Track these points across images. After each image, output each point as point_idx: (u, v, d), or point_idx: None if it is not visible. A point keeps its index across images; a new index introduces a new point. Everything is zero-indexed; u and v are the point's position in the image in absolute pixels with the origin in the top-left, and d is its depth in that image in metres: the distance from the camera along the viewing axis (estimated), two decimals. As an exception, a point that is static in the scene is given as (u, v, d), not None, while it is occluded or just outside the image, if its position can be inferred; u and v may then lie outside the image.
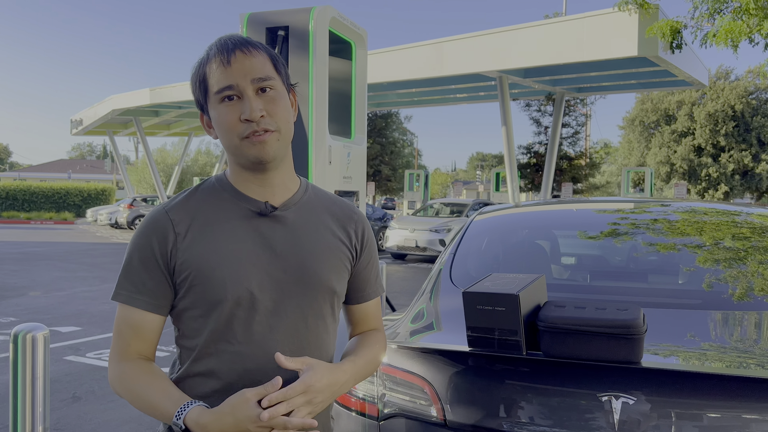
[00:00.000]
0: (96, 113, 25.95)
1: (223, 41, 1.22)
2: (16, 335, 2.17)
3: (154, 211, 1.25)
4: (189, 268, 1.20)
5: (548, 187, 17.79)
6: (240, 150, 1.20)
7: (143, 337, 1.23)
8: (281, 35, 3.63)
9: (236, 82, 1.18)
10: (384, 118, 35.47)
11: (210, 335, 1.21)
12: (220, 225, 1.23)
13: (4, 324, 7.27)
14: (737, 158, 33.16)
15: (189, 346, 1.24)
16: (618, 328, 1.56)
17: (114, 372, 1.22)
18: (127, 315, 1.22)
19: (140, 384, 1.18)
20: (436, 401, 1.74)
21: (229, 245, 1.21)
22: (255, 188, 1.26)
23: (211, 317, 1.20)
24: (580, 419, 1.58)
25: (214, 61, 1.20)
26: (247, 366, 1.20)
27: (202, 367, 1.22)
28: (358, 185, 4.18)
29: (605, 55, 12.02)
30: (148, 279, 1.21)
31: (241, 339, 1.20)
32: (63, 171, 60.53)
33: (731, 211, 2.86)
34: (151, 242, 1.21)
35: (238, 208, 1.25)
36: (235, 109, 1.18)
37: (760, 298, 2.11)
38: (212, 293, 1.19)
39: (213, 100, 1.21)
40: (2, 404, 4.59)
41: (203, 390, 1.22)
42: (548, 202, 3.43)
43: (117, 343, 1.24)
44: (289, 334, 1.23)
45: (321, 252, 1.28)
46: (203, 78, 1.22)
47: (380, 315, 1.47)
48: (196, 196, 1.27)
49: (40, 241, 19.19)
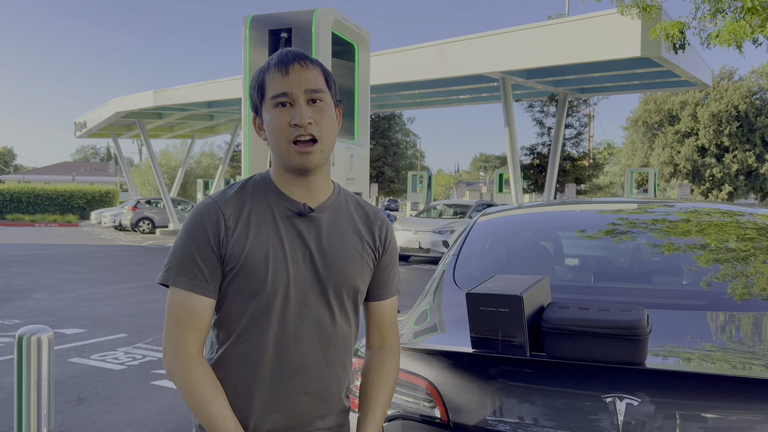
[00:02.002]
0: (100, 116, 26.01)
1: (284, 53, 1.36)
2: (21, 337, 2.17)
3: (205, 203, 1.35)
4: (236, 260, 1.31)
5: (551, 188, 17.76)
6: (287, 154, 1.33)
7: (200, 324, 1.31)
8: (284, 37, 3.64)
9: (291, 90, 1.31)
10: (387, 120, 35.47)
11: (249, 321, 1.33)
12: (264, 222, 1.34)
13: (8, 326, 7.28)
14: (741, 158, 33.07)
15: (229, 329, 1.35)
16: (622, 330, 1.56)
17: (175, 364, 1.30)
18: (185, 301, 1.30)
19: (206, 395, 1.28)
20: (439, 403, 1.74)
21: (272, 241, 1.33)
22: (296, 190, 1.38)
23: (251, 305, 1.32)
24: (584, 420, 1.58)
25: (273, 69, 1.33)
26: (279, 352, 1.33)
27: (240, 350, 1.33)
28: (361, 187, 4.18)
29: (608, 56, 12.00)
30: (204, 266, 1.31)
31: (276, 327, 1.33)
32: (67, 173, 60.68)
33: (735, 211, 2.85)
34: (207, 231, 1.31)
35: (279, 207, 1.37)
36: (286, 114, 1.31)
37: (764, 298, 2.10)
38: (255, 284, 1.31)
39: (268, 104, 1.33)
40: (7, 406, 4.60)
41: (240, 372, 1.33)
42: (551, 203, 3.43)
43: (177, 331, 1.30)
44: (318, 325, 1.36)
45: (349, 253, 1.41)
46: (261, 84, 1.35)
47: (395, 317, 1.56)
48: (244, 193, 1.38)
49: (45, 244, 19.24)
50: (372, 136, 33.74)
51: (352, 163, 4.09)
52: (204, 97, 19.16)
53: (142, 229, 25.12)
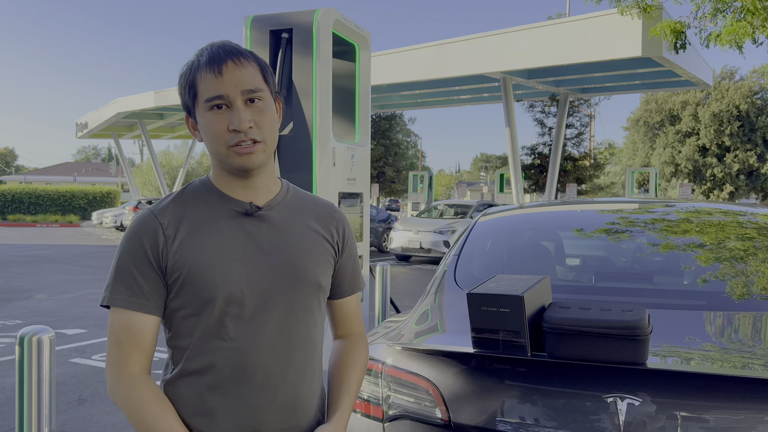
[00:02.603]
0: (101, 116, 26.04)
1: (215, 50, 1.24)
2: (22, 338, 2.18)
3: (141, 214, 1.27)
4: (180, 269, 1.22)
5: (552, 188, 17.76)
6: (226, 158, 1.24)
7: (143, 343, 1.23)
8: (285, 38, 3.63)
9: (226, 93, 1.21)
10: (388, 120, 35.47)
11: (203, 333, 1.24)
12: (207, 226, 1.26)
13: (10, 327, 7.29)
14: (742, 158, 33.04)
15: (182, 345, 1.26)
16: (623, 330, 1.56)
17: (117, 388, 1.22)
18: (125, 320, 1.23)
19: (150, 413, 1.20)
20: (440, 403, 1.74)
21: (218, 245, 1.25)
22: (239, 191, 1.30)
23: (203, 315, 1.23)
24: (586, 421, 1.58)
25: (205, 68, 1.22)
26: (240, 361, 1.24)
27: (197, 365, 1.25)
28: (362, 187, 4.18)
29: (609, 56, 12.00)
30: (143, 282, 1.23)
31: (234, 335, 1.24)
32: (68, 174, 60.76)
33: (736, 211, 2.85)
34: (143, 244, 1.23)
35: (223, 209, 1.28)
36: (223, 118, 1.22)
37: (765, 298, 2.10)
38: (204, 292, 1.22)
39: (202, 106, 1.24)
40: (9, 407, 4.60)
41: (198, 387, 1.25)
42: (552, 203, 3.43)
43: (117, 353, 1.23)
44: (279, 328, 1.27)
45: (307, 248, 1.33)
46: (192, 83, 1.24)
47: (360, 310, 1.51)
48: (183, 199, 1.30)
49: (46, 244, 19.26)
50: (373, 136, 33.74)
51: (353, 163, 4.09)
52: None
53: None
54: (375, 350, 1.98)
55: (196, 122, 1.28)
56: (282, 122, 3.57)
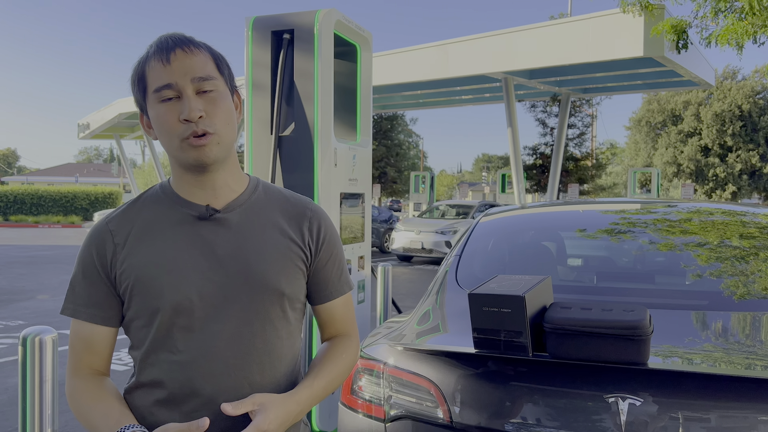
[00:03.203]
0: (103, 117, 26.07)
1: (163, 39, 1.17)
2: (25, 338, 2.18)
3: (95, 224, 1.25)
4: (128, 278, 1.18)
5: (554, 189, 17.73)
6: (180, 152, 1.16)
7: (94, 350, 1.22)
8: (286, 38, 3.64)
9: (175, 81, 1.14)
10: (390, 120, 35.46)
11: (151, 344, 1.19)
12: (159, 232, 1.20)
13: (12, 327, 7.31)
14: (745, 158, 32.99)
15: (135, 356, 1.23)
16: (624, 330, 1.56)
17: (68, 388, 1.22)
18: (77, 329, 1.22)
19: (86, 403, 1.17)
20: (442, 403, 1.74)
21: (168, 252, 1.18)
22: (197, 191, 1.22)
23: (152, 326, 1.18)
24: (587, 420, 1.58)
25: (153, 59, 1.15)
26: (189, 375, 1.16)
27: (147, 378, 1.20)
28: (364, 187, 4.19)
29: (611, 56, 11.98)
30: (93, 291, 1.20)
31: (182, 347, 1.17)
32: (70, 175, 60.85)
33: (738, 211, 2.85)
34: (92, 254, 1.21)
35: (178, 213, 1.22)
36: (174, 109, 1.14)
37: (766, 298, 2.10)
38: (150, 302, 1.17)
39: (152, 99, 1.16)
40: (12, 407, 4.61)
41: (149, 401, 1.20)
42: (554, 204, 3.43)
43: (70, 358, 1.23)
44: (233, 339, 1.18)
45: (268, 253, 1.22)
46: (142, 76, 1.17)
47: (350, 316, 1.38)
48: (137, 205, 1.26)
49: (48, 245, 19.28)
50: (375, 136, 33.75)
51: (355, 164, 4.10)
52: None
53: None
54: (376, 351, 1.98)
55: (146, 117, 1.21)
56: (284, 123, 3.57)
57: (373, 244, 17.20)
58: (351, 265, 4.18)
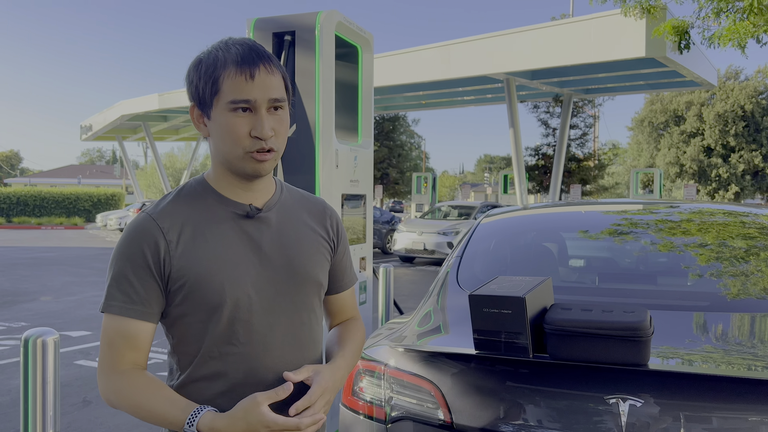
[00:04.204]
0: (105, 119, 26.13)
1: (245, 50, 1.21)
2: (27, 340, 2.19)
3: (139, 219, 1.24)
4: (186, 276, 1.20)
5: (557, 189, 17.72)
6: (240, 162, 1.22)
7: (139, 346, 1.22)
8: (288, 40, 3.65)
9: (255, 98, 1.19)
10: (392, 121, 35.48)
11: (213, 339, 1.23)
12: (210, 230, 1.24)
13: (15, 329, 7.32)
14: (747, 158, 32.95)
15: (190, 351, 1.25)
16: (624, 331, 1.56)
17: (109, 385, 1.20)
18: (119, 326, 1.20)
19: (144, 394, 1.18)
20: (443, 404, 1.74)
21: (222, 249, 1.23)
22: (240, 192, 1.28)
23: (212, 321, 1.22)
24: (588, 422, 1.58)
25: (234, 69, 1.19)
26: (251, 365, 1.24)
27: (207, 371, 1.23)
28: (365, 189, 4.19)
29: (613, 56, 11.98)
30: (140, 288, 1.20)
31: (243, 340, 1.24)
32: (73, 176, 60.91)
33: (740, 212, 2.84)
34: (143, 251, 1.20)
35: (224, 211, 1.26)
36: (245, 122, 1.20)
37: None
38: (212, 298, 1.21)
39: (223, 106, 1.20)
40: (14, 408, 4.62)
41: (209, 393, 1.23)
42: (556, 204, 3.42)
43: (109, 355, 1.21)
44: (287, 330, 1.28)
45: (305, 248, 1.33)
46: (217, 80, 1.20)
47: (356, 303, 1.53)
48: (180, 202, 1.27)
49: (51, 246, 19.32)
50: (376, 137, 33.76)
51: (356, 165, 4.10)
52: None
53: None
54: (378, 352, 1.99)
55: (205, 116, 1.24)
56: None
57: (375, 245, 17.22)
58: (352, 267, 4.17)
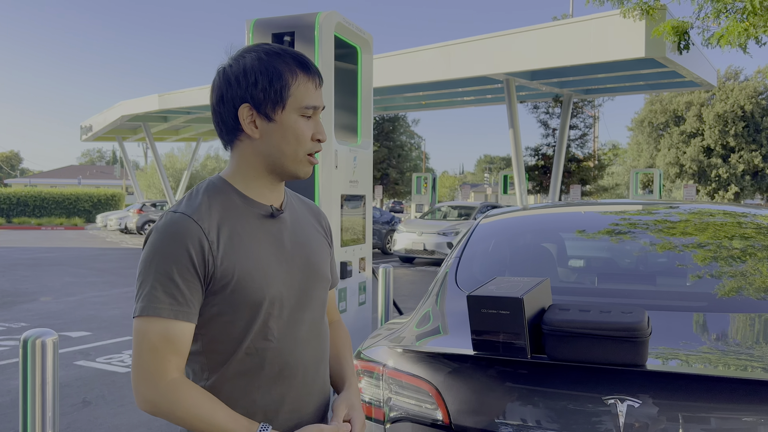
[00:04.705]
0: (105, 119, 26.11)
1: (307, 61, 1.32)
2: (26, 340, 2.19)
3: (178, 219, 1.23)
4: (229, 275, 1.23)
5: (556, 190, 17.72)
6: (299, 163, 1.31)
7: (180, 350, 1.20)
8: (287, 41, 3.65)
9: (319, 105, 1.32)
10: (392, 122, 35.47)
11: (249, 335, 1.26)
12: (243, 230, 1.28)
13: (15, 329, 7.32)
14: (747, 159, 32.95)
15: (225, 350, 1.25)
16: (622, 331, 1.56)
17: (159, 393, 1.18)
18: (165, 330, 1.19)
19: (205, 407, 1.18)
20: (441, 405, 1.74)
21: (256, 249, 1.28)
22: (266, 193, 1.34)
23: (252, 319, 1.26)
24: (586, 422, 1.58)
25: (304, 77, 1.29)
26: (285, 359, 1.30)
27: (244, 367, 1.26)
28: (365, 189, 4.19)
29: (612, 57, 11.97)
30: (185, 289, 1.20)
31: (277, 335, 1.29)
32: (73, 177, 60.89)
33: (739, 212, 2.85)
34: (188, 252, 1.20)
35: (250, 212, 1.31)
36: (310, 126, 1.31)
37: (767, 300, 2.10)
38: (253, 296, 1.25)
39: (292, 109, 1.29)
40: (13, 409, 4.62)
41: (248, 388, 1.27)
42: (555, 205, 3.42)
43: (153, 362, 1.18)
44: (310, 324, 1.36)
45: (315, 246, 1.42)
46: (287, 85, 1.28)
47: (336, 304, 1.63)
48: (212, 203, 1.28)
49: (51, 247, 19.32)
50: (376, 138, 33.74)
51: (356, 165, 4.10)
52: (209, 100, 19.22)
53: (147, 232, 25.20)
54: (376, 352, 1.99)
55: (263, 117, 1.28)
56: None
57: (374, 245, 17.22)
58: (352, 267, 4.18)
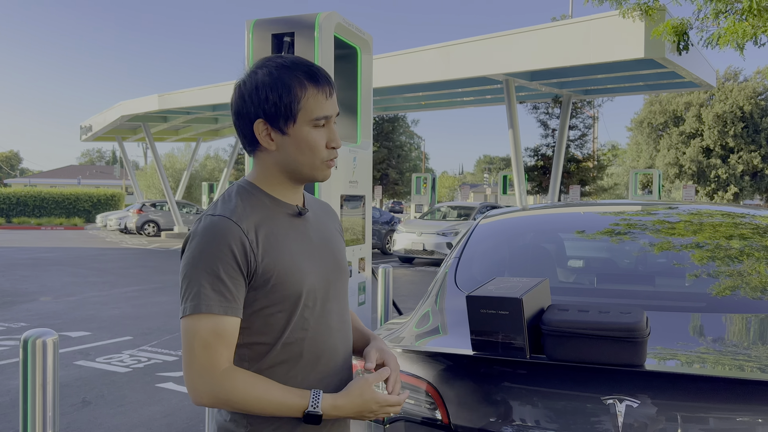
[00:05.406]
0: (105, 119, 26.09)
1: (317, 71, 1.37)
2: (26, 340, 2.19)
3: (218, 221, 1.31)
4: (271, 271, 1.32)
5: (556, 190, 17.72)
6: (316, 170, 1.39)
7: (231, 344, 1.30)
8: (287, 41, 3.65)
9: (331, 114, 1.38)
10: (391, 122, 35.47)
11: (290, 326, 1.35)
12: (277, 229, 1.37)
13: (15, 329, 7.32)
14: (746, 159, 32.97)
15: (268, 341, 1.35)
16: (621, 332, 1.56)
17: (216, 385, 1.26)
18: (216, 325, 1.27)
19: (260, 387, 1.29)
20: (440, 405, 1.75)
21: (291, 246, 1.37)
22: (290, 194, 1.42)
23: (293, 311, 1.35)
24: (585, 422, 1.59)
25: (314, 89, 1.35)
26: (321, 347, 1.39)
27: (286, 356, 1.36)
28: (364, 189, 4.20)
29: (612, 57, 11.97)
30: (232, 286, 1.29)
31: (313, 325, 1.38)
32: (73, 177, 60.85)
33: (738, 213, 2.85)
34: (233, 251, 1.29)
35: (279, 212, 1.39)
36: (323, 135, 1.38)
37: (765, 300, 2.11)
38: (294, 290, 1.34)
39: (304, 121, 1.35)
40: (13, 409, 4.63)
41: (289, 374, 1.36)
42: (555, 205, 3.43)
43: (206, 357, 1.27)
44: (339, 314, 1.46)
45: (336, 242, 1.52)
46: (295, 99, 1.34)
47: None
48: (246, 204, 1.37)
49: (51, 247, 19.32)
50: (376, 138, 33.74)
51: (355, 166, 4.11)
52: (209, 100, 19.22)
53: (147, 232, 25.20)
54: (376, 352, 1.99)
55: (277, 131, 1.35)
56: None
57: (374, 245, 17.22)
58: (351, 267, 4.19)
